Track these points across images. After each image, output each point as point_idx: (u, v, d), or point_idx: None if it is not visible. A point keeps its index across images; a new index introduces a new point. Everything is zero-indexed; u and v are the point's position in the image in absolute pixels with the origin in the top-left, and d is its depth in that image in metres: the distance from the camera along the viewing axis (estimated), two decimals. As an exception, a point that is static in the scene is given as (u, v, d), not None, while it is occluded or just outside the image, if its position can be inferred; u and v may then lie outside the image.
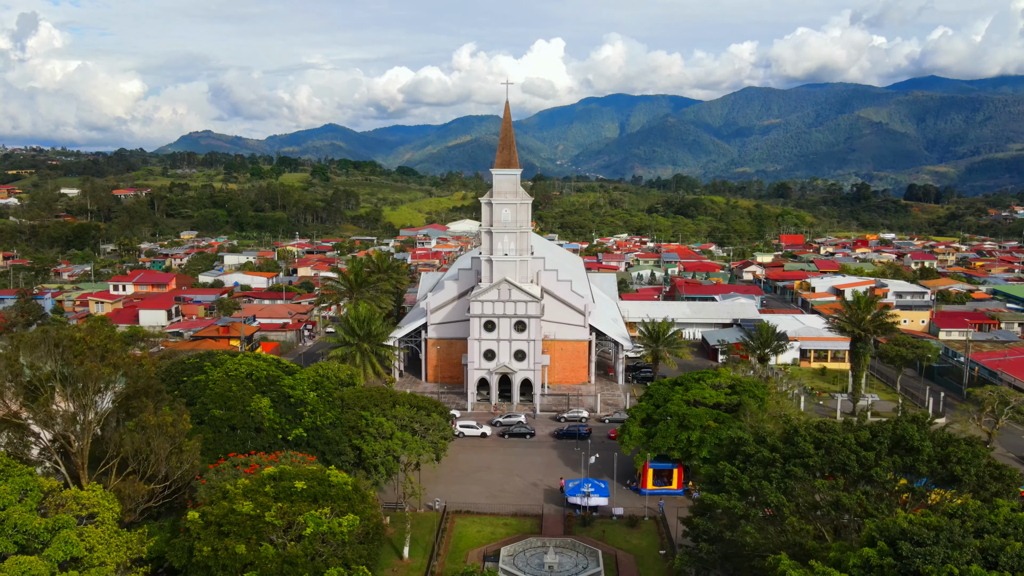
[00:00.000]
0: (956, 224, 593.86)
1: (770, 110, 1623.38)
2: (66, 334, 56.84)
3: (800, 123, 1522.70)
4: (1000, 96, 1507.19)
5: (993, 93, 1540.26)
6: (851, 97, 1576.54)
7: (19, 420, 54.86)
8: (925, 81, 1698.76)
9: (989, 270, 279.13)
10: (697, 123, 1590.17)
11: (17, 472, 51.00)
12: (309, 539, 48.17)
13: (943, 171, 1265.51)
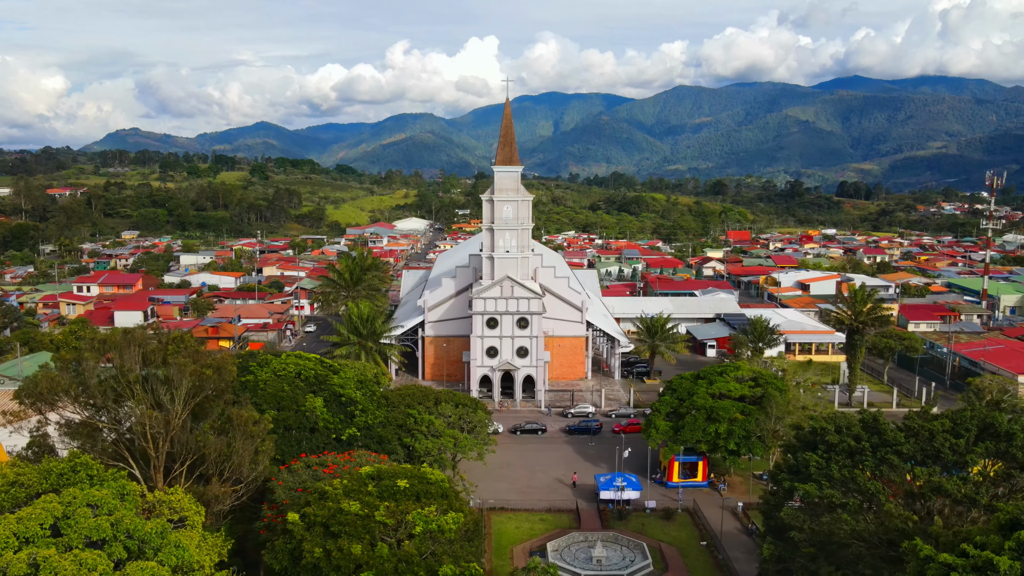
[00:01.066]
0: (887, 220, 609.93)
1: (701, 108, 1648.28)
2: (154, 336, 55.34)
3: (730, 121, 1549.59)
4: (920, 96, 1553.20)
5: (913, 93, 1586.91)
6: (779, 96, 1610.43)
7: (101, 424, 53.21)
8: (849, 81, 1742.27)
9: (936, 264, 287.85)
10: (630, 121, 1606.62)
11: (111, 476, 49.60)
12: (420, 538, 47.82)
13: (868, 168, 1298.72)
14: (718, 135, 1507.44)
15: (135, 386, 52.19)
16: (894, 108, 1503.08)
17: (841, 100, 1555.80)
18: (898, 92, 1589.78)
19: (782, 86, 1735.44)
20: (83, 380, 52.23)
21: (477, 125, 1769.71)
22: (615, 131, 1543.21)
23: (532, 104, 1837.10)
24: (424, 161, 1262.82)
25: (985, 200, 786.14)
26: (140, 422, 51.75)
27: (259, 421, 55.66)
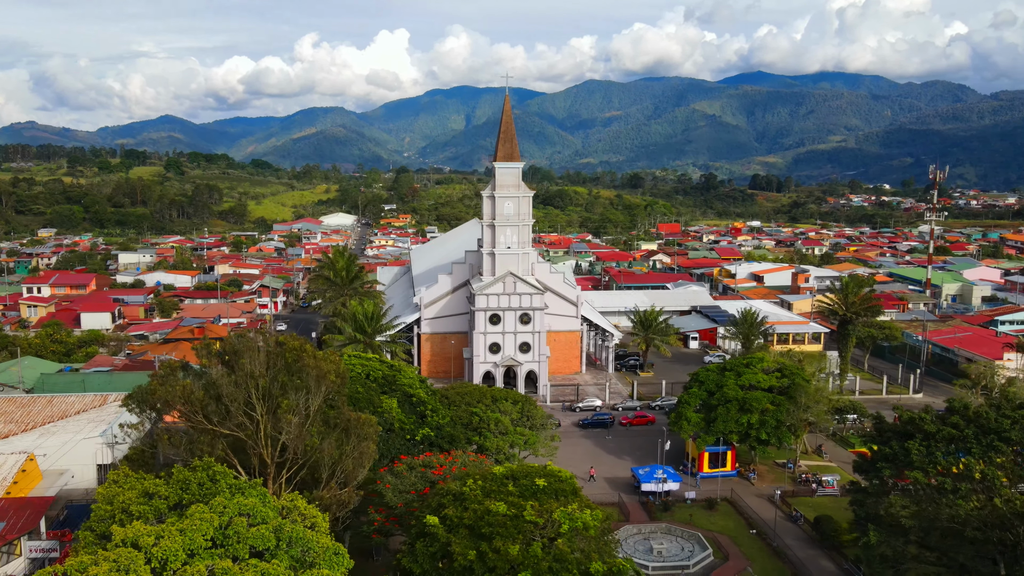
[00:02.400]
0: (799, 212, 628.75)
1: (611, 103, 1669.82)
2: (277, 340, 54.02)
3: (640, 115, 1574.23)
4: (820, 91, 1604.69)
5: (814, 88, 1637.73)
6: (686, 91, 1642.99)
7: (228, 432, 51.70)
8: (753, 76, 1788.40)
9: (866, 254, 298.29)
10: (541, 115, 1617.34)
11: (247, 484, 48.48)
12: (567, 536, 48.09)
13: (772, 161, 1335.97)
14: (628, 129, 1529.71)
15: (273, 392, 50.99)
16: (796, 103, 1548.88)
17: (746, 95, 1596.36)
18: (799, 88, 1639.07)
19: (689, 81, 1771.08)
20: (214, 388, 50.70)
21: (389, 119, 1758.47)
22: (527, 125, 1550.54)
23: (444, 98, 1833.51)
24: (336, 155, 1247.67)
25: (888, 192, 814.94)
26: (279, 428, 50.57)
27: (372, 424, 55.01)
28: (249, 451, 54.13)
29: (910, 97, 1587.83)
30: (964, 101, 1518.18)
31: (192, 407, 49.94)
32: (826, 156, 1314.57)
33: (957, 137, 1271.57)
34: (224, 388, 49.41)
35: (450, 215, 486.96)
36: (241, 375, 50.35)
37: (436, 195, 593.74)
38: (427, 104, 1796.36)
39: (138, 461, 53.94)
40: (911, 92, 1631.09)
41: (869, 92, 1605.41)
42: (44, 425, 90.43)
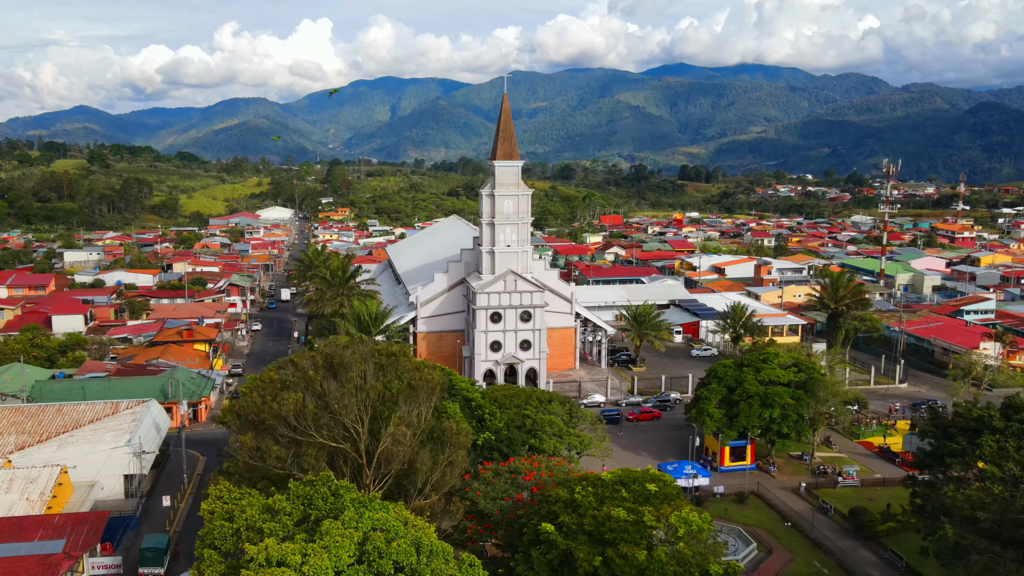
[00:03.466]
0: (729, 202, 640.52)
1: (536, 94, 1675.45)
2: (383, 348, 53.54)
3: (565, 106, 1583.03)
4: (740, 83, 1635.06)
5: (734, 80, 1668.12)
6: (611, 82, 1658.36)
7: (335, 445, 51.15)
8: (675, 68, 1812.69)
9: (808, 244, 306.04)
10: (467, 106, 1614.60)
11: (368, 498, 48.22)
12: (684, 539, 49.08)
13: (695, 152, 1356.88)
14: (553, 120, 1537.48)
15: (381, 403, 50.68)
16: (717, 94, 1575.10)
17: (668, 86, 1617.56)
18: (720, 79, 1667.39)
19: (613, 72, 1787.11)
20: (325, 400, 50.17)
21: (313, 110, 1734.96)
22: (453, 116, 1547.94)
23: (368, 89, 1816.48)
24: (260, 147, 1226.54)
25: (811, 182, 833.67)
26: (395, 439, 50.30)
27: (468, 434, 55.11)
28: (340, 462, 53.81)
29: (826, 89, 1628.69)
30: (877, 93, 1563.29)
31: (305, 422, 49.37)
32: (747, 146, 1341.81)
33: (871, 128, 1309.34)
34: (338, 401, 48.98)
35: (389, 208, 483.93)
36: (351, 387, 49.97)
37: (371, 188, 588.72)
38: (352, 95, 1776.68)
39: (235, 475, 53.06)
40: (827, 84, 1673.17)
41: (787, 84, 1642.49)
42: (59, 435, 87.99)
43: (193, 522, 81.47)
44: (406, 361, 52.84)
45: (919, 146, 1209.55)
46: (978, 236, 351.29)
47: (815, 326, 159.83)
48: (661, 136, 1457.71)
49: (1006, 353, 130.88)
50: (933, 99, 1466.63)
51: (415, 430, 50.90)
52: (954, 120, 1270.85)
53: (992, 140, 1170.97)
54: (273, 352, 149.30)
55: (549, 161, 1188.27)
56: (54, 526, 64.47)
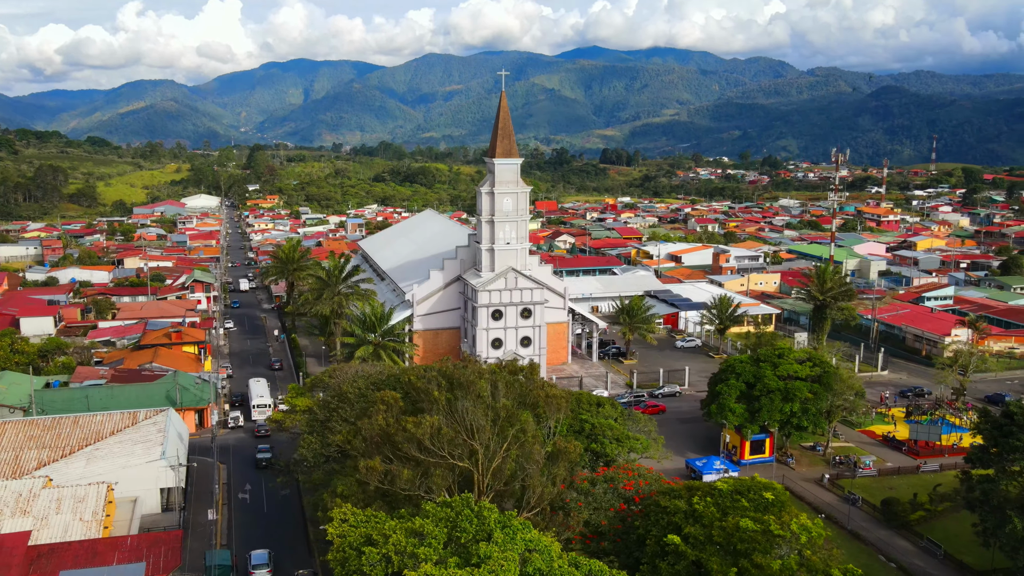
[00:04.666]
0: (651, 186, 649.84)
1: (452, 76, 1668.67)
2: (509, 367, 53.52)
3: (480, 89, 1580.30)
4: (652, 66, 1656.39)
5: (647, 63, 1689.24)
6: (526, 65, 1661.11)
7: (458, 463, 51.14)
8: (589, 51, 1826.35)
9: (745, 229, 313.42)
10: (382, 88, 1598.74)
11: (508, 518, 48.55)
12: (807, 546, 50.83)
13: (611, 134, 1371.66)
14: (469, 102, 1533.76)
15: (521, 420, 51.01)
16: (631, 77, 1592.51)
17: (583, 69, 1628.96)
18: (633, 62, 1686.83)
19: (527, 55, 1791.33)
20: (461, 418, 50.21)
21: (223, 93, 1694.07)
22: (368, 99, 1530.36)
23: (280, 71, 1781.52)
24: (169, 131, 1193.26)
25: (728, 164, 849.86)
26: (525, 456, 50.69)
27: (579, 450, 55.82)
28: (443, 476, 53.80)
29: (736, 72, 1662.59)
30: (784, 76, 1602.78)
31: (439, 443, 49.44)
32: (661, 129, 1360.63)
33: (779, 111, 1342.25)
34: (472, 421, 49.21)
35: (319, 195, 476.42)
36: (482, 407, 50.25)
37: (295, 174, 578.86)
38: (263, 77, 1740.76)
39: (351, 496, 52.73)
40: (736, 68, 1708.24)
41: (698, 67, 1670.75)
42: (83, 449, 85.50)
43: (235, 534, 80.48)
44: (531, 380, 53.26)
45: (825, 128, 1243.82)
46: (901, 220, 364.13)
47: (783, 314, 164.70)
48: (576, 119, 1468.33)
49: (976, 339, 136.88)
50: (837, 83, 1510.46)
51: (541, 446, 51.43)
52: (857, 103, 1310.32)
53: (893, 123, 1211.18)
54: (254, 351, 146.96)
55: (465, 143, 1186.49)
56: (129, 548, 63.00)
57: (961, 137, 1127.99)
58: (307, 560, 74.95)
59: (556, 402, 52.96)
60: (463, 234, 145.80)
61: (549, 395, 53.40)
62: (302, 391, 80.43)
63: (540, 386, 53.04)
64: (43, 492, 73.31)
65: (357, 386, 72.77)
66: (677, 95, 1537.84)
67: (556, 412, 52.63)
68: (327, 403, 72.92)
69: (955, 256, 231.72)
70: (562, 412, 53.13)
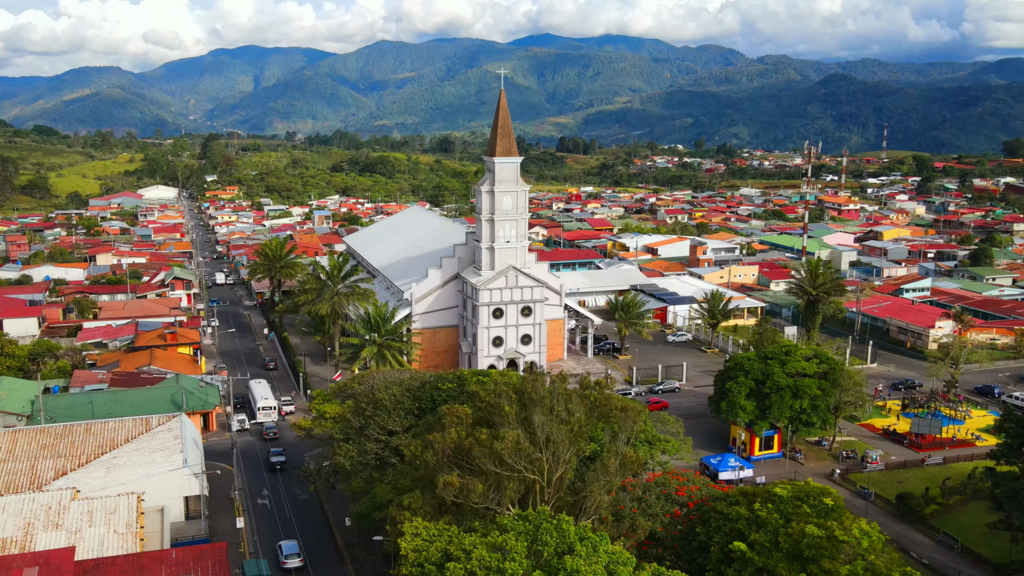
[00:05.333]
0: (608, 174, 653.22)
1: (404, 64, 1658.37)
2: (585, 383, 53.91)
3: (433, 76, 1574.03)
4: (605, 54, 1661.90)
5: (599, 51, 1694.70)
6: (478, 52, 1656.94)
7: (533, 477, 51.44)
8: (542, 39, 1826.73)
9: (711, 219, 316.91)
10: (333, 76, 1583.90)
11: (581, 528, 49.13)
12: (868, 551, 52.16)
13: (564, 122, 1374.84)
14: (422, 90, 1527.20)
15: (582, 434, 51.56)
16: (583, 65, 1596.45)
17: (535, 57, 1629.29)
18: (586, 50, 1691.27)
19: (480, 42, 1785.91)
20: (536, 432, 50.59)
21: (171, 80, 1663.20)
22: (319, 86, 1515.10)
23: (229, 58, 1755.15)
24: (115, 119, 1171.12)
25: (683, 152, 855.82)
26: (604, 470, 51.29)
27: (642, 462, 56.51)
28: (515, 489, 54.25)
29: (687, 60, 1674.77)
30: (735, 64, 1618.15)
31: (517, 458, 49.83)
32: (614, 116, 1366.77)
33: (730, 98, 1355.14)
34: (548, 434, 49.68)
35: (279, 186, 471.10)
36: (557, 421, 50.74)
37: (253, 164, 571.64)
38: (212, 64, 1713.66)
39: (418, 509, 52.86)
40: (687, 55, 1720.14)
41: (650, 55, 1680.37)
42: (99, 457, 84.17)
43: (260, 541, 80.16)
44: (604, 393, 53.90)
45: (775, 116, 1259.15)
46: (861, 209, 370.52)
47: (765, 307, 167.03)
48: (530, 106, 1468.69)
49: (960, 331, 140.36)
50: (786, 70, 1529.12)
51: (619, 460, 52.13)
52: (806, 91, 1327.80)
53: (842, 110, 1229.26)
54: (244, 350, 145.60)
55: (419, 131, 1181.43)
56: (176, 562, 62.38)
57: (907, 124, 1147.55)
58: (339, 567, 75.01)
59: (631, 414, 53.70)
60: (455, 231, 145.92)
61: (624, 408, 54.11)
62: (328, 397, 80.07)
63: (614, 399, 53.67)
64: (72, 504, 72.18)
65: (392, 393, 72.79)
66: (629, 83, 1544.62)
67: (632, 424, 53.24)
68: (361, 410, 72.80)
69: (922, 246, 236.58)
70: (636, 424, 53.83)
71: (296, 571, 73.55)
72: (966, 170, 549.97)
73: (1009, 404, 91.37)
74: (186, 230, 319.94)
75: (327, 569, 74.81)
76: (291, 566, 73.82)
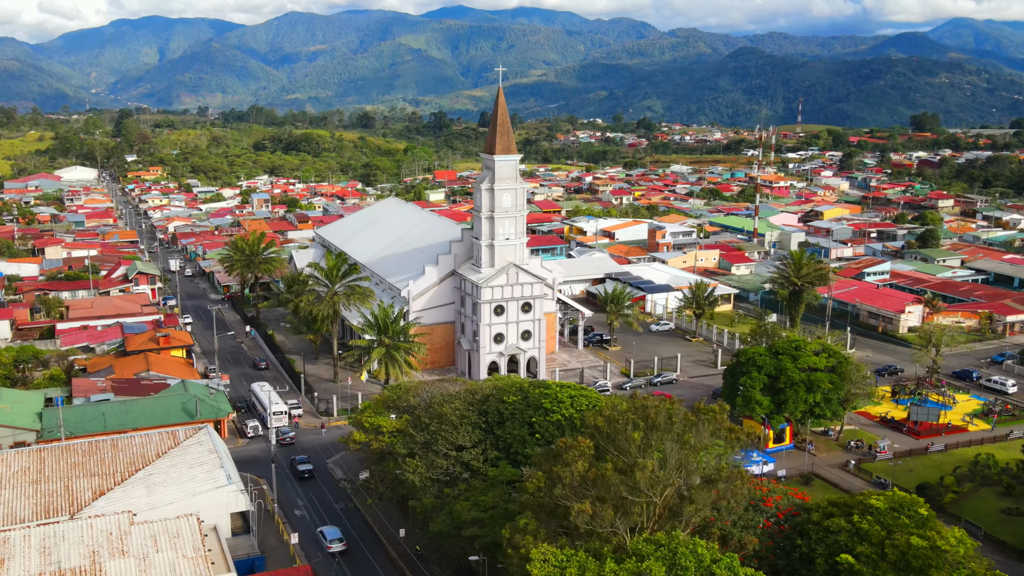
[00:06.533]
0: (532, 150, 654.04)
1: (315, 36, 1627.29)
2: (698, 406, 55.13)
3: (346, 49, 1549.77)
4: (519, 26, 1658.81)
5: (512, 23, 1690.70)
6: (391, 24, 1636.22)
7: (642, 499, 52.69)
8: (455, 11, 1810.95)
9: (651, 199, 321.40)
10: (243, 48, 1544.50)
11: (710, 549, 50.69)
12: (964, 558, 55.22)
13: (479, 95, 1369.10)
14: (334, 63, 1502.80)
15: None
16: (497, 37, 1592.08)
17: (449, 29, 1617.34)
18: (499, 22, 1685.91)
19: (393, 14, 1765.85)
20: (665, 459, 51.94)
21: (70, 51, 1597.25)
22: (228, 59, 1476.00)
23: (132, 29, 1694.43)
24: (12, 92, 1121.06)
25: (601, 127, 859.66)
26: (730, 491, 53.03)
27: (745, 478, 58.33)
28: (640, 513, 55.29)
29: (600, 33, 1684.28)
30: (647, 37, 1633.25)
31: (654, 487, 51.21)
32: (529, 90, 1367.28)
33: (644, 72, 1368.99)
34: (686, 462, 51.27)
35: (205, 166, 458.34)
36: (677, 445, 52.27)
37: (172, 142, 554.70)
38: (113, 35, 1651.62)
39: (535, 533, 53.82)
40: (601, 28, 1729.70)
41: (564, 28, 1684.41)
42: (134, 475, 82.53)
43: (307, 556, 79.87)
44: (718, 416, 55.55)
45: (688, 89, 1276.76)
46: (791, 186, 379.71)
47: (738, 293, 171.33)
48: (444, 79, 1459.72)
49: (929, 315, 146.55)
50: (697, 44, 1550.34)
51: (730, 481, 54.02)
52: (717, 64, 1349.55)
53: (751, 83, 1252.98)
54: (227, 349, 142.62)
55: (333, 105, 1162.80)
56: (264, 589, 62.20)
57: (814, 97, 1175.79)
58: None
59: (738, 435, 55.78)
60: (443, 226, 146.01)
61: (732, 430, 56.16)
62: (379, 410, 79.86)
63: (722, 422, 55.49)
64: (133, 529, 70.78)
65: (455, 408, 73.20)
66: (544, 55, 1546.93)
67: (744, 446, 55.12)
68: (424, 425, 73.03)
69: (864, 225, 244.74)
70: (740, 445, 56.00)
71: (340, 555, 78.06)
72: (879, 144, 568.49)
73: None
74: (118, 215, 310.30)
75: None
76: (336, 550, 78.29)
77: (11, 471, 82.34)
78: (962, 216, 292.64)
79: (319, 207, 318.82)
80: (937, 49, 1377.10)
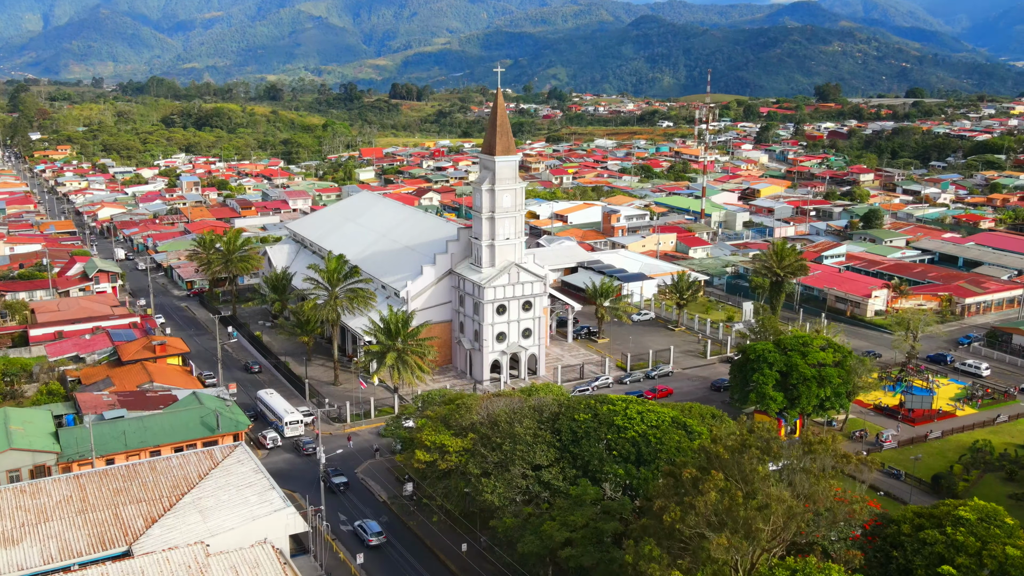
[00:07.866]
0: (446, 122, 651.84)
1: (211, 2, 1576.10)
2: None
3: (243, 16, 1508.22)
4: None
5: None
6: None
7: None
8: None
9: (587, 177, 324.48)
10: (133, 15, 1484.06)
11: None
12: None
13: (383, 64, 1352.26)
14: (232, 31, 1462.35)
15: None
16: (399, 5, 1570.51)
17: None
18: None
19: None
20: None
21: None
22: (118, 26, 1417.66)
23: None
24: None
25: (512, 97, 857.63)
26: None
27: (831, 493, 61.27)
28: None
29: (503, 0, 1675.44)
30: (549, 5, 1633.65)
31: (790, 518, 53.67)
32: (433, 58, 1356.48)
33: (547, 40, 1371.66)
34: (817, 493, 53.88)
35: (117, 145, 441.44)
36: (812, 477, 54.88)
37: (75, 118, 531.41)
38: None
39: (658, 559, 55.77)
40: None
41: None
42: (181, 500, 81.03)
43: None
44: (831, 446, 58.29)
45: (592, 57, 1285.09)
46: (715, 160, 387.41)
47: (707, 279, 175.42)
48: (346, 48, 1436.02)
49: (891, 298, 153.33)
50: (599, 12, 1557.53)
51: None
52: (619, 32, 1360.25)
53: (653, 52, 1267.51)
54: (210, 351, 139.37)
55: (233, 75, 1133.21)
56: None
57: (714, 66, 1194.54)
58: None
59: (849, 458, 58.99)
60: (431, 223, 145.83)
61: (846, 456, 59.18)
62: (438, 427, 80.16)
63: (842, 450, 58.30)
64: (211, 561, 70.06)
65: (527, 426, 74.27)
66: (447, 23, 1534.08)
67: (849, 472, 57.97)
68: (497, 444, 73.95)
69: (801, 203, 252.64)
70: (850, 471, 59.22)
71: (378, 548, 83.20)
72: (788, 116, 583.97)
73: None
74: (37, 201, 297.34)
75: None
76: (376, 543, 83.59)
77: (54, 501, 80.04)
78: (884, 190, 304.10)
79: (251, 189, 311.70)
80: (828, 17, 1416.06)
